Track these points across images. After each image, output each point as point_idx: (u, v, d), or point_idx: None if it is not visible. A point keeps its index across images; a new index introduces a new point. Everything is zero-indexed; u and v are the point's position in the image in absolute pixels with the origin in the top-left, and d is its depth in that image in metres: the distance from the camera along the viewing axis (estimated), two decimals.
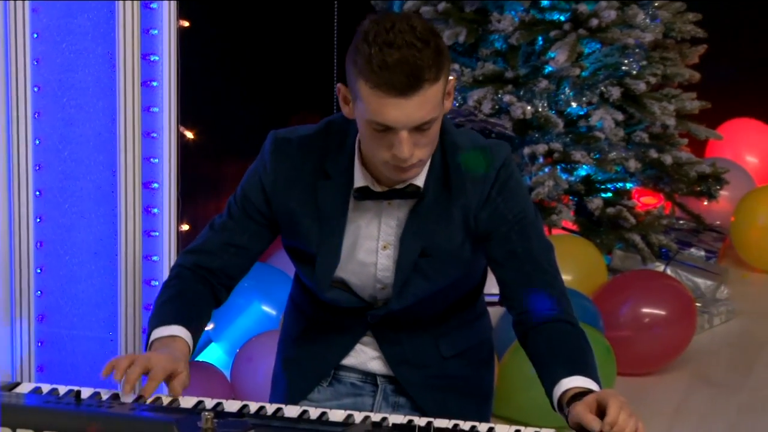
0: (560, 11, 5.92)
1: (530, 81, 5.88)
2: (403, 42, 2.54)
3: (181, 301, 2.83)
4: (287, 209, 2.84)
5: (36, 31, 3.53)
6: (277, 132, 2.88)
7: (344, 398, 3.01)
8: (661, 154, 6.05)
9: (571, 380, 2.65)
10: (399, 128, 2.59)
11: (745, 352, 5.66)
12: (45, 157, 3.60)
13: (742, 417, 5.04)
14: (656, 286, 5.44)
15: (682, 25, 6.18)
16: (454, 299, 2.97)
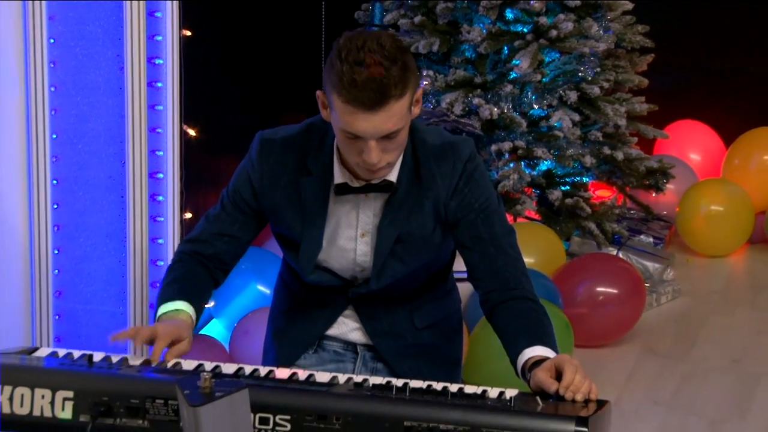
0: (523, 23, 5.92)
1: (497, 86, 5.88)
2: (372, 61, 2.54)
3: (184, 282, 2.84)
4: (273, 202, 2.85)
5: (52, 37, 3.53)
6: (263, 132, 2.88)
7: (328, 364, 3.01)
8: (614, 151, 6.06)
9: (532, 350, 2.67)
10: (368, 138, 2.59)
11: (688, 327, 5.68)
12: (61, 149, 3.60)
13: (686, 384, 5.05)
14: (610, 268, 5.45)
15: (632, 36, 6.19)
16: (426, 278, 2.98)
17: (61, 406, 2.46)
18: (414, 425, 2.37)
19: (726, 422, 4.71)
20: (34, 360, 2.58)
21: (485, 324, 4.71)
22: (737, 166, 6.85)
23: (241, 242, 2.91)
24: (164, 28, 3.63)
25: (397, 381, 2.56)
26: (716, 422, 4.70)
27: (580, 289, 5.30)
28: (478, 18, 5.90)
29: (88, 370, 2.53)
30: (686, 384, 5.04)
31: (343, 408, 2.40)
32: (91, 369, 2.53)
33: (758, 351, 5.39)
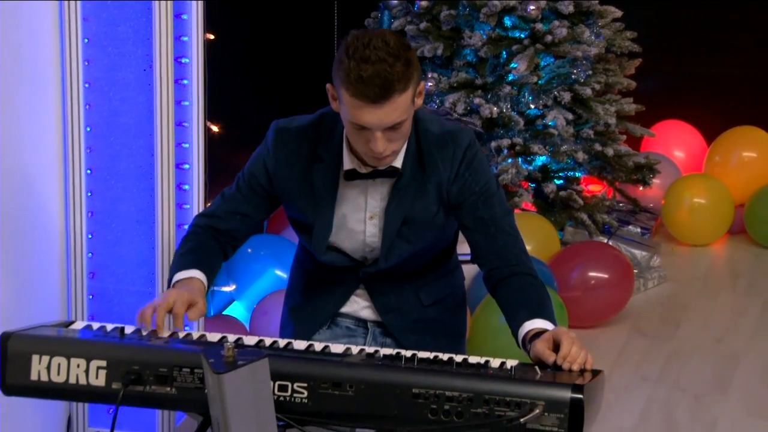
0: (521, 29, 5.91)
1: (496, 87, 5.87)
2: (377, 58, 2.54)
3: (197, 252, 2.83)
4: (286, 187, 2.84)
5: (86, 36, 3.51)
6: (278, 122, 2.89)
7: (341, 339, 3.00)
8: (604, 148, 6.05)
9: (532, 322, 2.66)
10: (374, 129, 2.60)
11: (673, 309, 5.67)
12: (95, 141, 3.58)
13: (671, 361, 5.05)
14: (600, 255, 5.44)
15: (621, 41, 6.17)
16: (431, 257, 2.97)
17: (95, 374, 2.46)
18: (422, 392, 2.36)
19: (708, 396, 4.70)
20: (70, 332, 2.57)
21: (486, 305, 4.71)
22: (718, 162, 6.84)
23: (252, 221, 2.91)
24: (190, 30, 3.61)
25: (406, 352, 2.56)
26: (699, 396, 4.69)
27: (574, 274, 5.29)
28: (478, 24, 5.89)
29: (120, 341, 2.52)
30: (672, 361, 5.04)
31: (357, 376, 2.39)
32: (122, 340, 2.53)
33: (738, 331, 5.39)
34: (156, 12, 3.46)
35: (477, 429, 2.35)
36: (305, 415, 2.40)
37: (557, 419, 2.32)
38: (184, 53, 3.62)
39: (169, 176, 3.60)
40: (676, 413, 4.54)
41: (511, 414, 2.33)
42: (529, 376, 2.43)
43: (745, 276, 6.13)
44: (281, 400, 2.39)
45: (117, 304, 3.66)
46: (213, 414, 2.31)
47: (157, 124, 3.55)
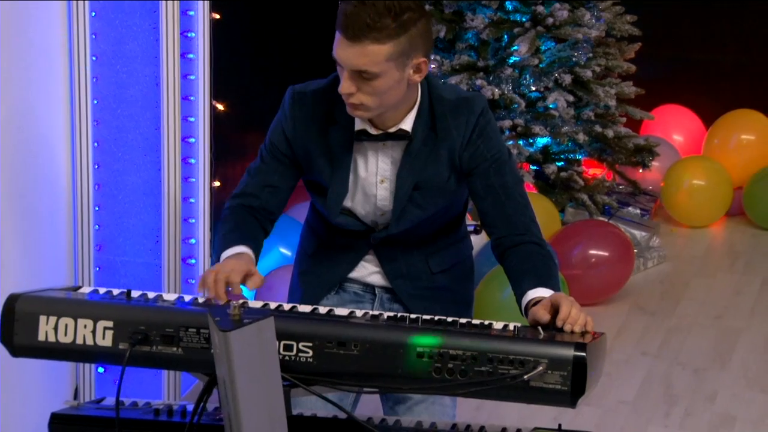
0: (522, 13, 5.88)
1: (498, 69, 5.85)
2: (369, 2, 2.55)
3: (239, 230, 2.80)
4: (305, 149, 2.83)
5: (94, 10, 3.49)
6: (295, 87, 2.88)
7: (348, 304, 2.98)
8: (605, 129, 6.03)
9: (535, 291, 2.65)
10: (343, 66, 2.60)
11: (672, 288, 5.66)
12: (102, 114, 3.57)
13: (671, 337, 5.03)
14: (601, 233, 5.43)
15: (621, 25, 6.14)
16: (441, 224, 2.95)
17: (102, 334, 2.44)
18: (426, 351, 2.34)
19: (707, 371, 4.68)
20: (77, 294, 2.55)
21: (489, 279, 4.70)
22: (717, 145, 6.81)
23: (282, 190, 2.87)
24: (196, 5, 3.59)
25: (411, 314, 2.54)
26: (699, 371, 4.68)
27: (575, 252, 5.28)
28: (480, 8, 5.86)
29: (126, 302, 2.50)
30: (671, 337, 5.02)
31: (361, 335, 2.37)
32: (129, 302, 2.50)
33: (736, 309, 5.37)
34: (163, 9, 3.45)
35: (481, 387, 2.33)
36: (310, 374, 2.38)
37: (560, 377, 2.30)
38: (190, 28, 3.60)
39: (175, 149, 3.58)
40: (676, 387, 4.53)
41: (514, 372, 2.31)
42: (531, 336, 2.41)
43: (743, 256, 6.11)
44: (287, 359, 2.37)
45: (123, 276, 3.65)
46: (219, 373, 2.29)
47: (164, 98, 3.54)
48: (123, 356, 2.41)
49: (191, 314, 2.43)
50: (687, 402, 4.39)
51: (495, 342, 2.35)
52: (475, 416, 3.20)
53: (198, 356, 2.40)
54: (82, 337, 2.44)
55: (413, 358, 2.34)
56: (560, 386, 2.31)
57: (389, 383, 2.38)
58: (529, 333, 2.44)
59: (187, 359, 2.42)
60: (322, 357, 2.37)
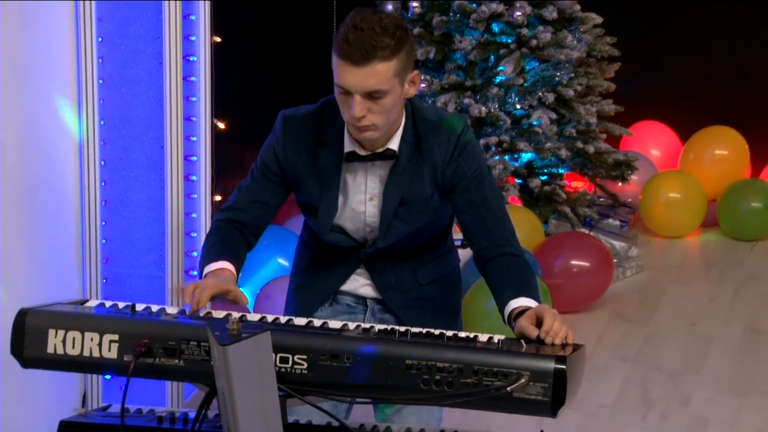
0: (507, 35, 5.90)
1: (485, 88, 5.86)
2: (368, 27, 2.58)
3: (223, 244, 2.80)
4: (295, 170, 2.83)
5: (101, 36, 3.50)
6: (285, 111, 2.89)
7: (341, 316, 2.98)
8: (586, 145, 6.05)
9: (517, 301, 2.65)
10: (353, 92, 2.59)
11: (650, 296, 5.67)
12: (108, 134, 3.58)
13: (648, 343, 5.05)
14: (582, 244, 5.44)
15: (601, 46, 6.16)
16: (428, 239, 2.95)
17: (107, 347, 2.44)
18: (414, 363, 2.35)
19: (683, 375, 4.70)
20: (84, 308, 2.56)
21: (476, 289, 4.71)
22: (692, 159, 6.83)
23: (270, 207, 2.88)
24: (198, 30, 3.60)
25: (400, 327, 2.54)
26: (674, 375, 4.69)
27: (557, 262, 5.29)
28: (468, 30, 5.88)
29: (131, 316, 2.50)
30: (649, 343, 5.03)
31: (353, 349, 2.38)
32: (133, 316, 2.51)
33: (710, 316, 5.38)
34: (166, 13, 3.45)
35: (466, 398, 2.34)
36: (305, 385, 2.38)
37: (542, 388, 2.31)
38: (193, 52, 3.61)
39: (178, 167, 3.59)
40: (653, 391, 4.54)
41: (498, 383, 2.31)
42: (515, 349, 2.41)
43: (717, 265, 6.13)
44: (282, 371, 2.38)
45: (129, 287, 3.65)
46: (219, 384, 2.29)
47: (167, 119, 3.54)
48: (128, 368, 2.41)
49: (192, 328, 2.44)
50: (663, 405, 4.40)
51: (480, 355, 2.36)
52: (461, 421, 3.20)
53: (199, 368, 2.41)
54: (89, 349, 2.44)
55: (403, 370, 2.35)
56: (542, 397, 2.32)
57: (380, 394, 2.39)
58: (512, 346, 2.44)
59: (189, 371, 2.42)
60: (316, 369, 2.38)
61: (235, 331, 2.25)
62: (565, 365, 2.32)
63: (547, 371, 2.32)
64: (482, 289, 4.64)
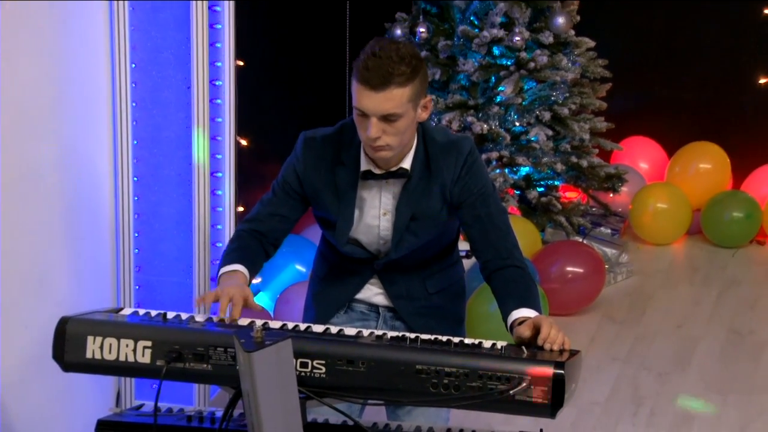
0: (507, 57, 5.90)
1: (486, 107, 5.86)
2: (385, 55, 2.61)
3: (241, 251, 2.82)
4: (314, 188, 2.84)
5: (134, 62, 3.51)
6: (306, 132, 2.90)
7: (356, 322, 2.99)
8: (579, 160, 6.03)
9: (519, 311, 2.66)
10: (370, 114, 2.60)
11: (639, 299, 5.66)
12: (141, 152, 3.58)
13: (638, 344, 5.04)
14: (576, 252, 5.43)
15: (594, 68, 6.15)
16: (436, 251, 2.96)
17: (141, 353, 2.45)
18: (424, 368, 2.36)
19: (670, 374, 4.69)
20: (119, 317, 2.57)
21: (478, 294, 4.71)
22: (678, 172, 6.82)
23: (289, 221, 2.90)
24: (223, 56, 3.60)
25: (410, 334, 2.55)
26: (662, 374, 4.69)
27: (553, 269, 5.28)
28: (471, 53, 5.88)
29: (163, 324, 2.51)
30: (638, 344, 5.02)
31: (368, 354, 2.39)
32: (165, 323, 2.52)
33: (696, 318, 5.37)
34: (194, 40, 3.46)
35: (472, 400, 2.34)
36: (323, 388, 2.40)
37: (542, 392, 2.32)
38: (218, 77, 3.62)
39: (204, 183, 3.59)
40: (642, 389, 4.53)
41: (501, 387, 2.33)
42: (516, 355, 2.42)
43: (701, 270, 6.12)
44: (302, 375, 2.39)
45: (159, 293, 3.65)
46: (244, 387, 2.30)
47: (194, 138, 3.55)
48: (160, 372, 2.43)
49: (219, 335, 2.45)
50: (652, 403, 4.39)
51: (484, 360, 2.37)
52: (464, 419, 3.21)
53: (225, 372, 2.42)
54: (124, 355, 2.46)
55: (413, 374, 2.36)
56: (542, 400, 2.33)
57: (392, 396, 2.40)
58: (514, 352, 2.45)
59: (216, 374, 2.43)
60: (333, 373, 2.39)
61: (259, 339, 2.26)
62: (563, 370, 2.33)
63: (546, 376, 2.33)
64: (484, 294, 4.65)
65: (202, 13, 3.44)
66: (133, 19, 3.46)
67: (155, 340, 2.45)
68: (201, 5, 3.43)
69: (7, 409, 3.17)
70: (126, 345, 2.45)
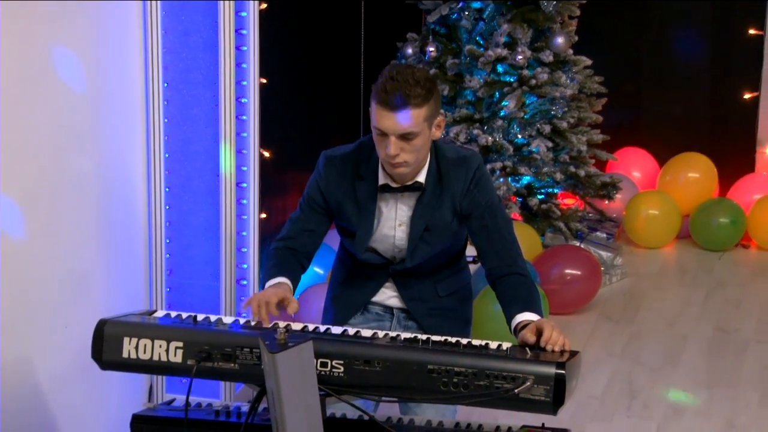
0: (510, 75, 5.88)
1: (491, 120, 5.85)
2: (402, 79, 2.62)
3: (281, 266, 2.83)
4: (337, 201, 2.85)
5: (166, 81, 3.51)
6: (326, 151, 2.90)
7: (371, 323, 2.99)
8: (577, 169, 6.01)
9: (523, 315, 2.66)
10: (389, 134, 2.61)
11: (633, 299, 5.64)
12: (172, 165, 3.59)
13: (632, 341, 5.02)
14: (574, 255, 5.42)
15: (590, 84, 6.13)
16: (446, 258, 2.96)
17: (173, 353, 2.46)
18: (435, 368, 2.36)
19: (662, 369, 4.67)
20: (153, 319, 2.57)
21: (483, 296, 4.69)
22: (668, 180, 6.79)
23: (318, 234, 2.91)
24: (248, 76, 3.61)
25: (422, 336, 2.55)
26: (654, 369, 4.67)
27: (553, 271, 5.27)
28: (477, 71, 5.87)
29: (193, 326, 2.51)
30: (632, 341, 5.01)
31: (383, 355, 2.39)
32: (195, 325, 2.52)
33: (686, 317, 5.35)
34: (222, 62, 3.46)
35: (480, 398, 2.34)
36: (341, 386, 2.39)
37: (544, 390, 2.32)
38: (244, 94, 3.62)
39: (231, 193, 3.60)
40: (636, 383, 4.52)
41: (507, 386, 2.32)
42: (521, 356, 2.42)
43: (690, 273, 6.09)
44: (322, 374, 2.39)
45: (189, 295, 3.66)
46: (268, 385, 2.30)
47: (222, 152, 3.55)
48: (191, 370, 2.43)
49: (246, 337, 2.45)
50: (645, 396, 4.38)
51: (491, 361, 2.37)
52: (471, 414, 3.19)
53: (251, 371, 2.42)
54: (157, 354, 2.46)
55: (425, 373, 2.36)
56: (544, 398, 2.32)
57: (405, 394, 2.40)
58: (518, 353, 2.45)
59: (242, 373, 2.44)
60: (351, 372, 2.39)
61: (282, 341, 2.27)
62: (564, 370, 2.33)
63: (549, 375, 2.33)
64: (489, 296, 4.63)
65: (229, 37, 3.45)
66: (165, 42, 3.47)
67: (186, 341, 2.45)
68: (228, 30, 3.44)
69: (49, 404, 3.18)
70: (159, 345, 2.46)
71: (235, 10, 3.47)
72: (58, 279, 3.19)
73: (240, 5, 3.52)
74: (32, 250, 3.05)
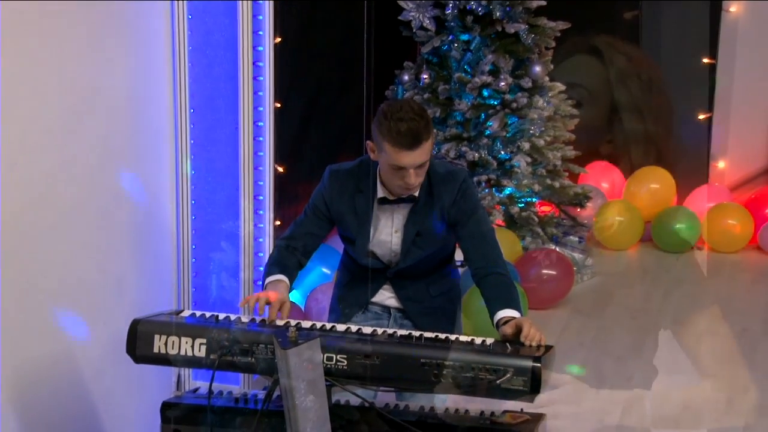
0: (494, 98, 5.87)
1: (477, 139, 5.84)
2: (409, 117, 2.60)
3: (281, 264, 2.83)
4: (338, 211, 2.85)
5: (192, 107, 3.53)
6: (332, 166, 2.90)
7: (371, 321, 2.98)
8: (553, 181, 6.01)
9: (503, 312, 2.66)
10: (409, 168, 2.63)
11: (602, 296, 5.62)
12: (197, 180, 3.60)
13: (600, 333, 5.01)
14: (550, 257, 5.40)
15: (564, 107, 6.12)
16: (437, 261, 2.96)
17: (198, 348, 2.46)
18: (427, 362, 2.36)
19: (628, 359, 4.67)
20: (180, 318, 2.58)
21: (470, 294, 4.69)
22: (633, 191, 6.78)
23: (317, 237, 2.91)
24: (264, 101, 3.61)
25: (416, 333, 2.55)
26: (621, 358, 4.67)
27: (532, 271, 5.26)
28: (465, 95, 5.86)
29: (215, 324, 2.52)
30: (601, 333, 5.00)
31: (381, 350, 2.39)
32: (217, 324, 2.53)
33: (647, 312, 5.34)
34: (241, 91, 3.47)
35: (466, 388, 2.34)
36: (345, 377, 2.40)
37: (523, 381, 2.33)
38: (260, 119, 3.63)
39: (249, 204, 3.60)
40: (603, 370, 4.51)
41: (490, 377, 2.33)
42: (502, 351, 2.43)
43: (651, 272, 6.08)
44: (328, 366, 2.40)
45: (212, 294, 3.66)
46: (281, 377, 2.30)
47: (241, 168, 3.56)
48: (213, 364, 2.43)
49: (261, 334, 2.46)
50: (612, 382, 4.37)
51: (476, 355, 2.38)
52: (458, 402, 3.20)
53: (266, 364, 2.43)
54: (184, 350, 2.47)
55: (418, 366, 2.36)
56: (522, 387, 2.33)
57: (401, 384, 2.41)
58: (500, 348, 2.45)
59: (258, 366, 2.44)
60: (353, 365, 2.40)
61: (293, 338, 2.27)
62: (540, 363, 2.33)
63: (527, 368, 2.34)
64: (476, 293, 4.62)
65: (248, 69, 3.46)
66: (192, 73, 3.48)
67: (209, 338, 2.46)
68: (247, 63, 3.45)
69: (91, 392, 3.18)
70: (185, 342, 2.47)
71: (252, 44, 3.48)
72: (97, 282, 3.19)
73: (257, 40, 3.52)
74: (76, 258, 3.05)
